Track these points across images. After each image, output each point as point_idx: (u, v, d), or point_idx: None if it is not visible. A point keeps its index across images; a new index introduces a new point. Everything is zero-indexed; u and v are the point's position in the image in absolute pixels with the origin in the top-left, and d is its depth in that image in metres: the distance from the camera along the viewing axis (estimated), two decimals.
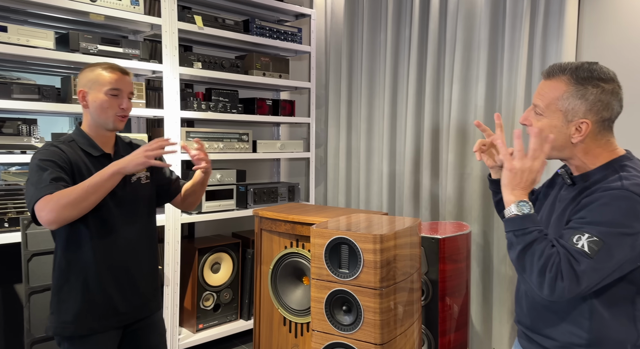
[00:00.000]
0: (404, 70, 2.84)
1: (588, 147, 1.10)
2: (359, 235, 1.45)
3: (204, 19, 2.75)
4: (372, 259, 1.43)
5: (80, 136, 1.55)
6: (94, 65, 1.55)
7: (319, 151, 3.47)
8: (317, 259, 1.57)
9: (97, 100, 1.50)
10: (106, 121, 1.52)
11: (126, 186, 1.58)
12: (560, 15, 2.17)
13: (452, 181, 2.56)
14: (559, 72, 1.09)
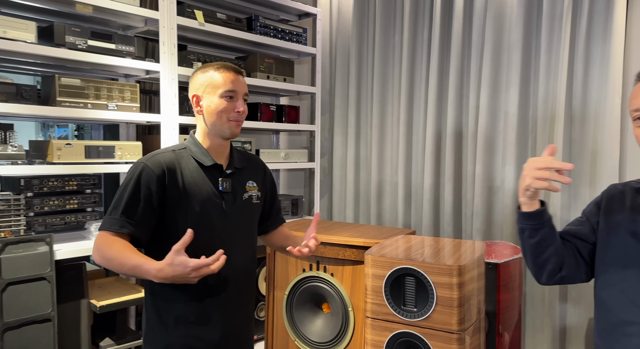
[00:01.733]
0: (422, 74, 2.63)
1: None
2: (431, 266, 1.20)
3: (204, 15, 2.47)
4: (448, 296, 1.18)
5: (194, 145, 1.41)
6: (204, 67, 1.41)
7: (323, 161, 3.22)
8: (375, 294, 1.31)
9: (212, 104, 1.36)
10: (221, 127, 1.37)
11: (235, 203, 1.41)
12: (607, 14, 2.00)
13: (480, 195, 2.35)
14: None
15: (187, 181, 1.33)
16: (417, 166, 2.66)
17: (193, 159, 1.38)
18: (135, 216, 1.27)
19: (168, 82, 2.30)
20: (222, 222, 1.37)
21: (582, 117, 2.10)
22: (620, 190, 1.18)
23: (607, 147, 2.01)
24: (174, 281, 1.18)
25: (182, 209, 1.32)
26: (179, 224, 1.31)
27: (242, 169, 1.48)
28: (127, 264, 1.21)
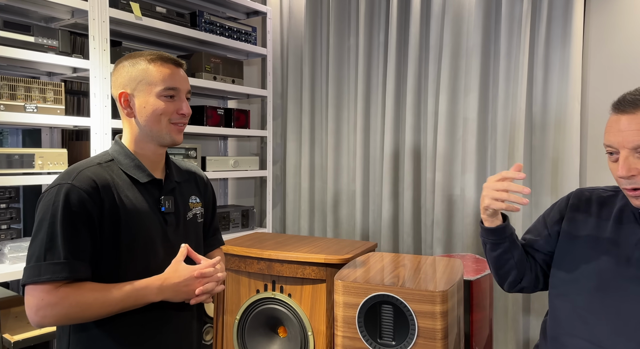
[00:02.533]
0: (378, 78, 2.52)
1: None
2: (412, 292, 1.05)
3: (141, 8, 2.22)
4: (431, 327, 1.03)
5: (123, 155, 1.13)
6: (133, 57, 1.14)
7: (275, 169, 3.03)
8: (347, 326, 1.14)
9: (148, 105, 1.10)
10: (159, 133, 1.11)
11: (179, 225, 1.15)
12: (565, 20, 1.97)
13: (440, 204, 2.26)
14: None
15: (124, 201, 1.07)
16: (375, 174, 2.54)
17: (124, 174, 1.11)
18: (82, 253, 1.01)
19: (99, 81, 2.03)
20: (166, 252, 1.12)
21: (543, 124, 2.06)
22: (587, 197, 1.16)
23: (567, 155, 1.98)
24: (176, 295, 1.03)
25: (120, 239, 1.06)
26: (117, 259, 1.05)
27: (181, 182, 1.23)
28: (113, 300, 0.99)
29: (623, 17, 1.92)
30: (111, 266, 1.05)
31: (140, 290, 1.02)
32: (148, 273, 1.07)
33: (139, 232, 1.08)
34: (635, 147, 0.96)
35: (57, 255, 0.98)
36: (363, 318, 1.12)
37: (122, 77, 1.13)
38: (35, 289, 0.97)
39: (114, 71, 1.16)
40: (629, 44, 1.91)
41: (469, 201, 2.20)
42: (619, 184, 1.02)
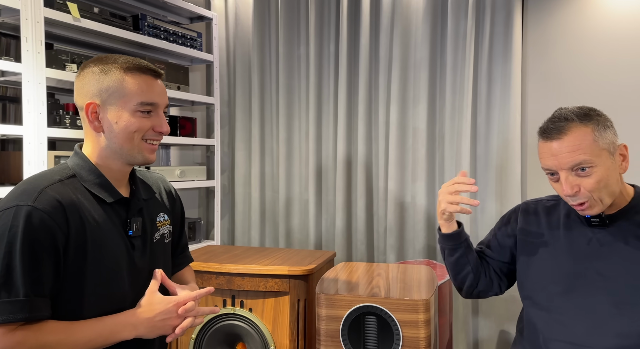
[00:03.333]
0: (330, 88, 2.54)
1: (622, 178, 1.11)
2: (396, 302, 1.05)
3: (80, 9, 2.08)
4: (415, 336, 1.05)
5: (86, 170, 0.99)
6: (103, 62, 0.99)
7: (222, 179, 2.95)
8: (330, 340, 1.12)
9: (121, 120, 0.97)
10: (130, 152, 0.99)
11: (146, 250, 1.04)
12: (506, 36, 2.11)
13: (393, 211, 2.32)
14: (567, 124, 1.06)
15: (91, 225, 0.94)
16: (327, 183, 2.55)
17: (89, 192, 0.98)
18: (45, 288, 0.88)
19: (33, 86, 1.87)
20: (132, 279, 1.01)
21: (487, 134, 2.19)
22: (533, 209, 1.25)
23: (510, 162, 2.11)
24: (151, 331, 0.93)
25: (85, 268, 0.93)
26: (80, 291, 0.93)
27: (148, 199, 1.11)
28: (80, 340, 0.88)
29: (556, 34, 2.09)
30: (73, 299, 0.92)
31: (111, 327, 0.92)
32: (112, 305, 0.97)
33: (106, 259, 0.96)
34: (572, 167, 1.05)
35: (14, 292, 0.84)
36: (347, 331, 1.11)
37: (91, 85, 0.99)
38: None
39: (79, 77, 1.03)
40: (563, 58, 2.08)
41: (420, 208, 2.28)
42: (567, 201, 1.10)
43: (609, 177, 1.05)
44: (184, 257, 1.25)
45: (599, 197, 1.06)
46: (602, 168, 1.05)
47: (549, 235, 1.18)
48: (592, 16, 2.02)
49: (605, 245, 1.10)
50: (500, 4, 2.13)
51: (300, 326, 1.69)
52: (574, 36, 2.06)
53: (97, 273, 0.95)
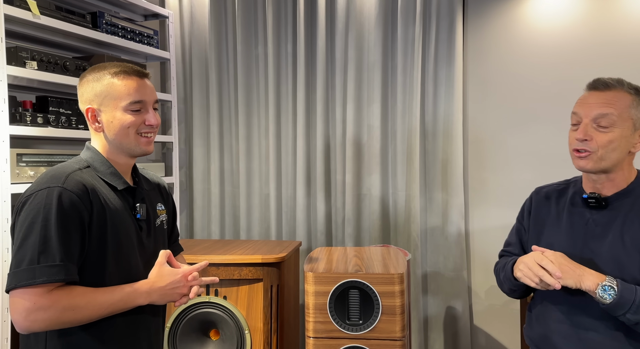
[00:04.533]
0: (288, 87, 2.67)
1: (631, 159, 1.16)
2: (376, 276, 1.22)
3: (39, 6, 2.05)
4: (392, 304, 1.22)
5: (100, 162, 1.15)
6: (96, 71, 1.15)
7: (180, 175, 2.98)
8: (318, 312, 1.26)
9: (115, 120, 1.12)
10: (129, 146, 1.14)
11: (151, 231, 1.19)
12: (449, 43, 2.35)
13: (350, 203, 2.50)
14: (617, 84, 1.13)
15: (109, 207, 1.10)
16: (287, 178, 2.68)
17: (103, 180, 1.13)
18: (75, 256, 1.02)
19: None
20: (141, 256, 1.17)
21: (434, 131, 2.42)
22: (545, 193, 1.33)
23: (454, 157, 2.36)
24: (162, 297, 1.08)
25: (108, 242, 1.09)
26: (106, 261, 1.08)
27: (149, 190, 1.27)
28: (105, 304, 1.03)
29: (493, 41, 2.37)
30: (97, 269, 1.07)
31: (129, 294, 1.06)
32: (129, 276, 1.11)
33: (122, 236, 1.11)
34: (596, 117, 1.12)
35: (51, 257, 0.98)
36: (334, 303, 1.27)
37: (88, 92, 1.14)
38: (27, 293, 0.96)
39: (79, 86, 1.17)
40: (498, 62, 2.36)
41: (375, 199, 2.48)
42: (573, 146, 1.16)
43: (620, 144, 1.11)
44: (177, 246, 1.41)
45: (602, 155, 1.12)
46: (619, 133, 1.11)
47: (555, 217, 1.26)
48: (524, 26, 2.31)
49: (600, 226, 1.17)
50: (444, 13, 2.36)
51: (273, 310, 1.82)
52: (507, 43, 2.34)
53: (115, 247, 1.10)
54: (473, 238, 2.41)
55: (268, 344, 1.82)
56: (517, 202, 2.20)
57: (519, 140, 2.33)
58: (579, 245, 1.18)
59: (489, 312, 2.36)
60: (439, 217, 2.41)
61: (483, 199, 2.40)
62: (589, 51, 2.20)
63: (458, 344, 2.37)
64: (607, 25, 2.17)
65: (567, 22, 2.24)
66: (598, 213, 1.18)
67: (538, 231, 1.29)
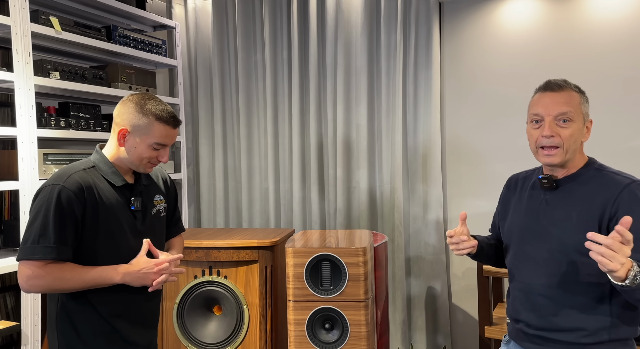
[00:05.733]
0: (284, 90, 2.93)
1: (581, 148, 1.33)
2: (343, 250, 1.48)
3: (61, 23, 2.34)
4: (356, 273, 1.47)
5: (103, 164, 1.40)
6: (144, 105, 1.37)
7: (188, 171, 3.26)
8: (296, 280, 1.53)
9: (138, 148, 1.38)
10: (137, 166, 1.41)
11: (146, 220, 1.44)
12: (427, 49, 2.59)
13: (341, 195, 2.75)
14: (566, 85, 1.29)
15: (104, 201, 1.36)
16: (285, 173, 2.94)
17: (104, 178, 1.39)
18: (67, 240, 1.28)
19: (24, 92, 2.13)
20: (136, 240, 1.41)
21: (415, 129, 2.67)
22: (515, 179, 1.49)
23: (432, 152, 2.60)
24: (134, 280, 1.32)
25: (100, 230, 1.35)
26: (97, 245, 1.35)
27: (148, 185, 1.52)
28: (87, 278, 1.28)
29: (467, 47, 2.60)
30: (90, 251, 1.34)
31: (108, 272, 1.33)
32: (120, 258, 1.36)
33: (113, 225, 1.37)
34: (557, 115, 1.25)
35: (48, 240, 1.25)
36: (309, 273, 1.53)
37: (128, 118, 1.37)
38: (28, 264, 1.25)
39: (123, 104, 1.41)
40: (472, 66, 2.59)
41: (363, 191, 2.73)
42: (538, 143, 1.28)
43: (577, 136, 1.26)
44: (177, 227, 1.67)
45: (567, 149, 1.25)
46: (576, 126, 1.25)
47: (518, 199, 1.41)
48: (494, 32, 2.54)
49: (551, 204, 1.31)
50: (422, 21, 2.60)
51: (267, 288, 2.08)
52: (480, 48, 2.57)
53: (106, 235, 1.35)
54: (451, 225, 2.65)
55: (264, 317, 2.08)
56: (490, 192, 2.46)
57: (492, 135, 2.56)
58: (535, 221, 1.32)
59: (466, 291, 2.60)
60: (420, 207, 2.65)
61: (459, 190, 2.63)
62: (552, 53, 2.42)
63: (438, 320, 2.61)
64: (568, 30, 2.39)
65: (532, 28, 2.46)
66: (551, 193, 1.32)
67: (505, 211, 1.46)
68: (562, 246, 1.27)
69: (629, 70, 2.27)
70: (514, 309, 1.37)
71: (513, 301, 1.38)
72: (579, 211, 1.26)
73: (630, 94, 2.27)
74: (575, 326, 1.25)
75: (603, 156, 2.26)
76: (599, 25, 2.33)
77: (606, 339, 1.24)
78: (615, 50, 2.30)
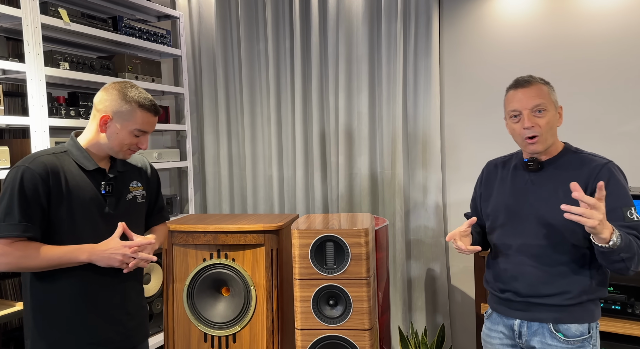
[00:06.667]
0: (287, 79, 2.99)
1: (556, 133, 1.48)
2: (346, 231, 1.56)
3: (69, 14, 2.39)
4: (358, 252, 1.56)
5: (75, 148, 1.43)
6: (127, 92, 1.41)
7: (194, 159, 3.34)
8: (302, 260, 1.61)
9: (120, 134, 1.41)
10: (116, 152, 1.43)
11: (119, 204, 1.46)
12: (427, 38, 2.65)
13: (343, 181, 2.83)
14: (533, 79, 1.44)
15: (70, 183, 1.38)
16: (288, 160, 3.02)
17: (75, 162, 1.42)
18: (32, 219, 1.32)
19: (35, 83, 2.20)
20: (107, 225, 1.43)
21: (415, 116, 2.73)
22: (494, 164, 1.64)
23: (432, 139, 2.67)
24: (101, 259, 1.35)
25: (66, 211, 1.38)
26: (63, 226, 1.38)
27: (125, 172, 1.54)
28: (54, 256, 1.31)
29: (466, 34, 2.66)
30: (59, 232, 1.38)
31: (74, 250, 1.36)
32: (90, 241, 1.39)
33: (81, 206, 1.40)
34: (533, 107, 1.39)
35: (13, 218, 1.30)
36: (314, 253, 1.62)
37: (111, 104, 1.40)
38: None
39: (105, 91, 1.44)
40: (470, 54, 2.65)
41: (364, 177, 2.81)
42: (522, 135, 1.41)
43: (553, 123, 1.41)
44: (160, 217, 1.69)
45: (545, 136, 1.39)
46: (550, 114, 1.40)
47: (501, 181, 1.54)
48: (493, 22, 2.59)
49: (536, 184, 1.45)
50: (422, 11, 2.65)
51: (273, 269, 2.17)
52: (478, 37, 2.63)
53: (74, 216, 1.38)
54: (449, 209, 2.73)
55: (270, 298, 2.17)
56: None
57: (490, 122, 2.63)
58: (522, 200, 1.45)
59: (464, 273, 2.70)
60: (420, 192, 2.73)
61: (458, 176, 2.71)
62: (549, 42, 2.48)
63: (437, 300, 2.71)
64: (565, 19, 2.44)
65: (530, 18, 2.52)
66: (535, 175, 1.47)
67: (488, 194, 1.59)
68: (550, 220, 1.40)
69: (621, 58, 2.33)
70: (501, 281, 1.49)
71: (500, 274, 1.49)
72: (565, 189, 1.38)
73: (622, 81, 2.34)
74: (560, 291, 1.40)
75: (598, 140, 2.35)
76: (595, 14, 2.38)
77: (585, 299, 1.40)
78: (609, 39, 2.36)
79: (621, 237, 1.25)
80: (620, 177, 1.40)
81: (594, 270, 1.41)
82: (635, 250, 1.29)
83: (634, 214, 1.34)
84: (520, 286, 1.44)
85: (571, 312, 1.40)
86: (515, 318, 1.46)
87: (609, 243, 1.24)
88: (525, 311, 1.45)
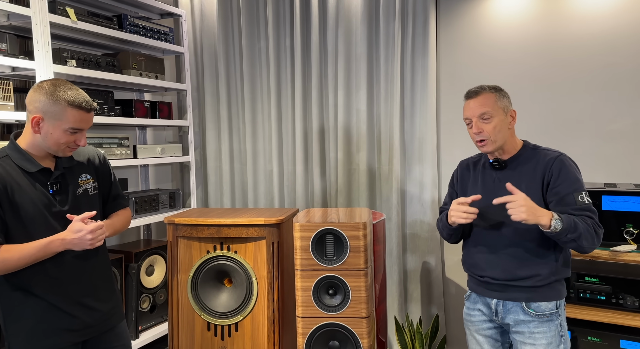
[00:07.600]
0: (287, 77, 3.06)
1: (512, 133, 1.65)
2: (345, 224, 1.65)
3: (76, 13, 2.46)
4: (357, 244, 1.65)
5: (16, 152, 1.43)
6: (55, 91, 1.39)
7: (195, 154, 3.41)
8: (304, 251, 1.70)
9: (54, 134, 1.40)
10: (55, 151, 1.44)
11: (69, 201, 1.48)
12: (424, 37, 2.72)
13: (342, 177, 2.91)
14: (482, 90, 1.64)
15: (14, 189, 1.39)
16: (288, 156, 3.10)
17: (17, 166, 1.42)
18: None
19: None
20: (59, 222, 1.46)
21: (412, 113, 2.81)
22: (466, 164, 1.82)
23: (428, 135, 2.75)
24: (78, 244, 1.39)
25: (17, 217, 1.41)
26: (17, 230, 1.41)
27: (72, 167, 1.56)
28: (29, 252, 1.36)
29: (461, 35, 2.73)
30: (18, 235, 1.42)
31: (46, 242, 1.40)
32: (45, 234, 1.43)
33: (32, 210, 1.43)
34: (479, 115, 1.60)
35: None
36: (315, 245, 1.70)
37: (40, 104, 1.39)
38: None
39: (34, 91, 1.43)
40: (466, 53, 2.73)
41: (363, 173, 2.89)
42: (474, 139, 1.62)
43: (501, 127, 1.59)
44: (115, 203, 1.72)
45: (494, 139, 1.58)
46: (497, 119, 1.59)
47: (473, 180, 1.72)
48: (488, 22, 2.67)
49: (502, 181, 1.62)
50: (419, 11, 2.72)
51: (274, 262, 2.25)
52: (474, 36, 2.70)
53: (27, 219, 1.42)
54: None
55: (271, 288, 2.26)
56: None
57: None
58: (491, 197, 1.58)
59: (458, 265, 2.79)
60: (416, 187, 2.82)
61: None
62: (544, 41, 2.56)
63: (432, 292, 2.80)
64: (560, 19, 2.52)
65: (525, 17, 2.59)
66: (501, 173, 1.66)
67: (463, 192, 1.76)
68: None
69: (613, 57, 2.42)
70: (479, 267, 1.67)
71: (478, 261, 1.68)
72: (527, 182, 1.59)
73: (613, 80, 2.42)
74: (532, 274, 1.58)
75: (589, 137, 2.43)
76: (588, 15, 2.46)
77: (553, 280, 1.59)
78: (601, 39, 2.44)
79: (561, 220, 1.43)
80: (572, 167, 1.58)
81: (558, 252, 1.59)
82: (582, 230, 1.45)
83: (585, 197, 1.52)
84: (496, 272, 1.62)
85: (542, 292, 1.58)
86: (493, 298, 1.64)
87: (550, 228, 1.43)
88: (501, 291, 1.63)
